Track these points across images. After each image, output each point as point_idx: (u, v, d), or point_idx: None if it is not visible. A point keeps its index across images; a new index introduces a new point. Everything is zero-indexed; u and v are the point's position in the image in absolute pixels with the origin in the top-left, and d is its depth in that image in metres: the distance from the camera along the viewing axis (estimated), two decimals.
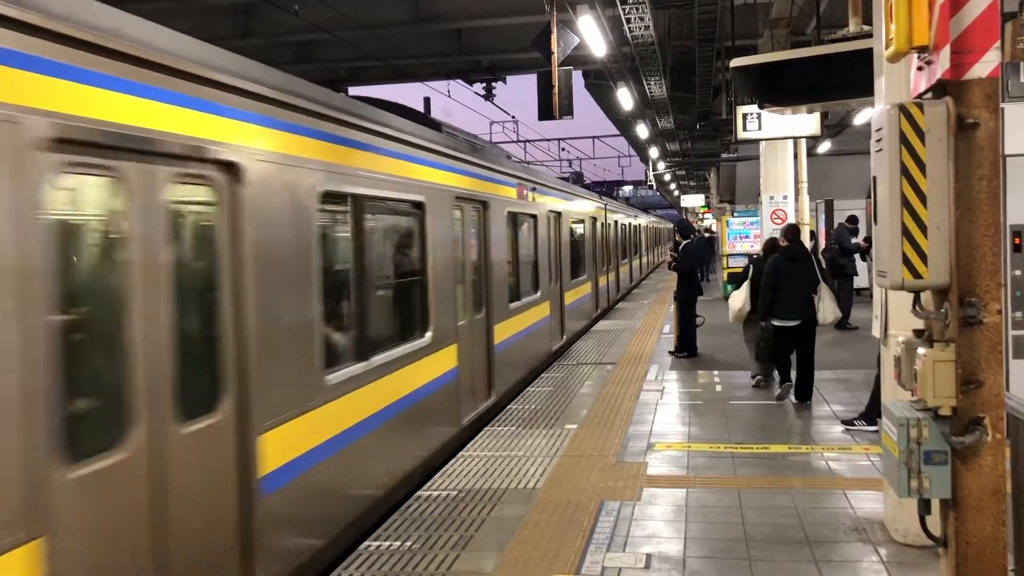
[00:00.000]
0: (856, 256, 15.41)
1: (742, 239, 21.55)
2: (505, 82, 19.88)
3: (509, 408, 9.38)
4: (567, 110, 11.87)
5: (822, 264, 9.92)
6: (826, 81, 7.80)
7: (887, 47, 3.77)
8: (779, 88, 8.35)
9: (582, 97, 36.80)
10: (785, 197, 17.67)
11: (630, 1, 12.22)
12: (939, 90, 3.61)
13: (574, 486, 6.44)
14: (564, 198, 14.84)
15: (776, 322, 9.26)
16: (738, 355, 11.45)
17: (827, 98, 8.51)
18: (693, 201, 49.87)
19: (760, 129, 12.84)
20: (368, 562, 5.08)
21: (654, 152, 33.58)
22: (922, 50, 3.65)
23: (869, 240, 14.27)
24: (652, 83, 17.56)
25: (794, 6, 13.45)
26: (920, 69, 3.79)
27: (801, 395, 9.25)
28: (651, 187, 52.74)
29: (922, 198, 3.59)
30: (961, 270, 3.53)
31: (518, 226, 11.41)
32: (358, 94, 15.34)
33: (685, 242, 13.37)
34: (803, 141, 16.69)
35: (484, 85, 19.61)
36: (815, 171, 19.20)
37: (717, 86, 18.33)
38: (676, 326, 13.06)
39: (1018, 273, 7.14)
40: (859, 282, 16.53)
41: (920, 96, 3.81)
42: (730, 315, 10.30)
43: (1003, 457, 3.61)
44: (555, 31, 11.45)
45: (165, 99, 3.91)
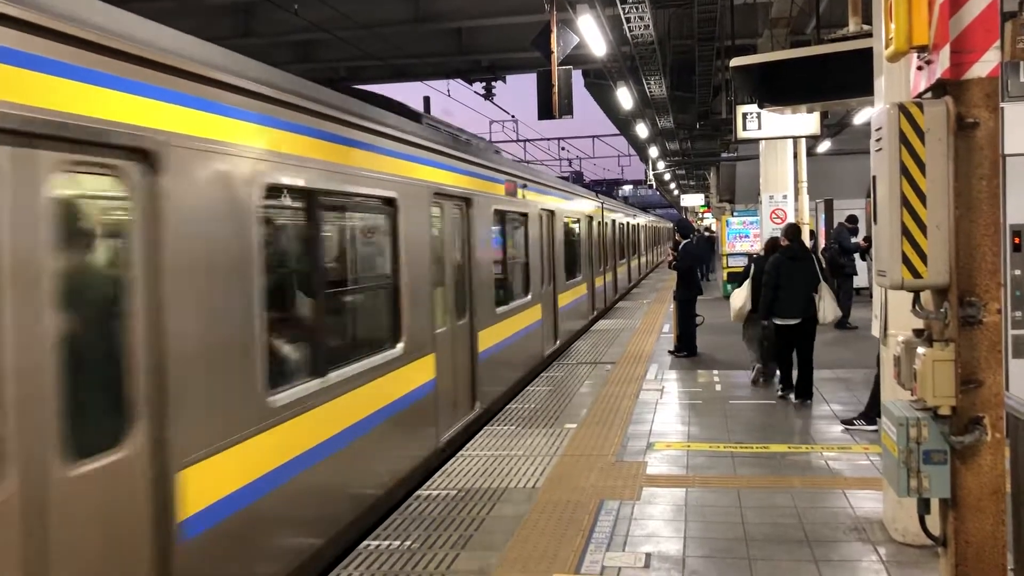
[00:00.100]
0: (856, 255, 15.43)
1: (742, 239, 21.58)
2: (505, 81, 19.90)
3: (508, 407, 9.39)
4: (567, 109, 11.88)
5: (822, 263, 9.94)
6: (826, 81, 7.81)
7: (887, 47, 3.77)
8: (779, 87, 8.36)
9: (582, 96, 36.84)
10: (785, 197, 17.68)
11: (630, 0, 12.23)
12: (939, 90, 3.62)
13: (574, 485, 6.45)
14: (558, 196, 14.42)
15: (777, 321, 9.38)
16: (738, 355, 11.45)
17: (827, 98, 8.51)
18: (693, 200, 49.87)
19: (760, 128, 12.84)
20: (368, 561, 5.09)
21: (654, 151, 33.59)
22: (922, 50, 3.65)
23: (869, 240, 14.28)
24: (652, 82, 17.57)
25: (794, 6, 13.45)
26: (920, 69, 3.79)
27: (801, 393, 9.28)
28: (651, 186, 52.76)
29: (922, 198, 3.60)
30: (961, 270, 3.54)
31: (507, 225, 10.87)
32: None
33: (685, 241, 13.39)
34: (803, 141, 16.71)
35: (484, 84, 19.62)
36: (815, 171, 19.21)
37: (717, 85, 18.35)
38: (676, 325, 13.07)
39: (1018, 273, 7.14)
40: (859, 281, 16.55)
41: (920, 96, 3.81)
42: (731, 314, 10.36)
43: (1002, 457, 3.62)
44: (555, 30, 11.46)
45: (49, 70, 3.26)
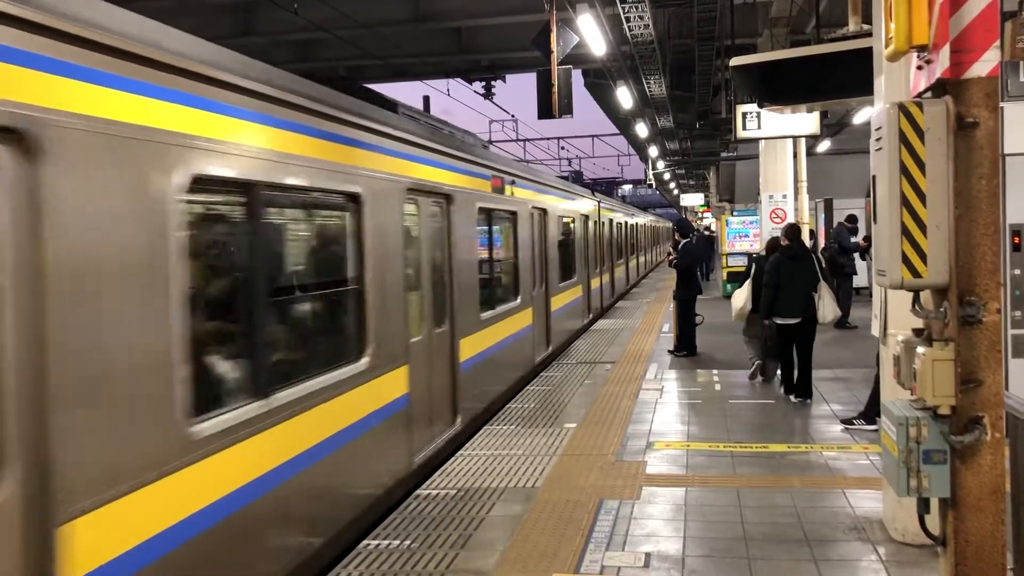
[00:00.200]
0: (855, 255, 15.45)
1: (741, 238, 21.59)
2: (504, 81, 19.91)
3: (508, 407, 9.39)
4: (566, 109, 11.88)
5: (822, 263, 9.96)
6: (826, 80, 7.81)
7: (887, 46, 3.77)
8: (779, 87, 8.36)
9: (582, 96, 36.88)
10: (784, 196, 17.69)
11: (629, 0, 12.23)
12: (939, 89, 3.62)
13: (573, 485, 6.45)
14: (551, 194, 13.73)
15: (777, 320, 9.43)
16: (738, 354, 11.45)
17: (826, 97, 8.52)
18: (692, 200, 49.85)
19: (760, 128, 12.85)
20: (367, 560, 5.09)
21: (653, 151, 33.59)
22: (922, 49, 3.66)
23: (868, 239, 14.29)
24: (651, 82, 17.57)
25: (794, 5, 13.46)
26: (920, 68, 3.79)
27: (801, 393, 9.29)
28: (650, 186, 52.76)
29: (921, 197, 3.60)
30: (960, 269, 3.54)
31: (493, 224, 10.20)
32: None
33: (684, 241, 13.39)
34: (802, 140, 16.72)
35: (483, 84, 19.63)
36: (814, 170, 19.22)
37: (717, 85, 18.37)
38: (675, 325, 13.08)
39: (1017, 272, 7.15)
40: (858, 281, 16.57)
41: (920, 95, 3.81)
42: (732, 313, 10.40)
43: (1002, 456, 3.62)
44: (555, 30, 11.46)
45: None
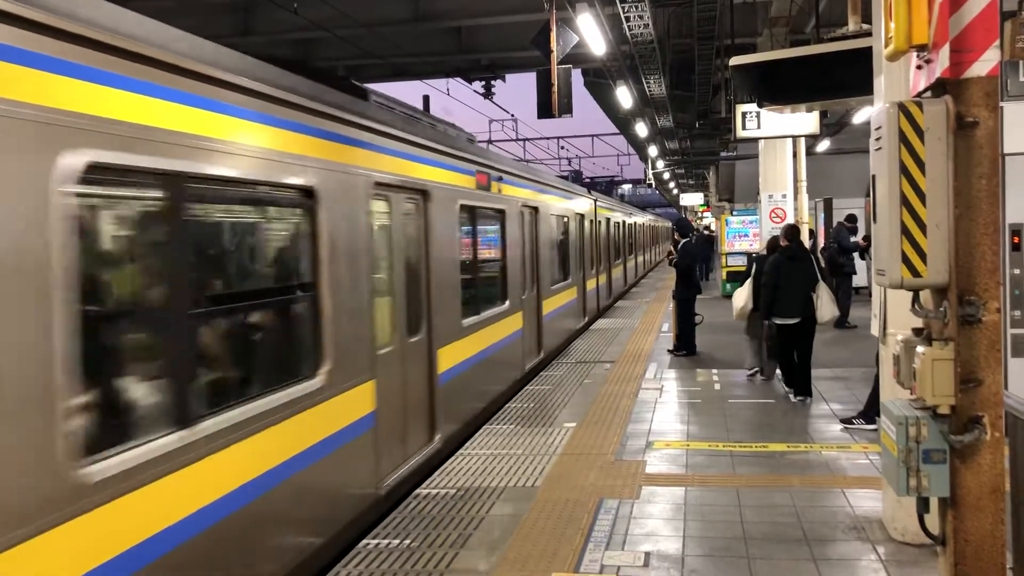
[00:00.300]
0: (855, 255, 15.45)
1: (741, 238, 21.60)
2: (504, 80, 19.91)
3: (508, 407, 9.38)
4: (566, 108, 11.87)
5: (821, 263, 9.97)
6: (825, 80, 7.82)
7: (886, 46, 3.77)
8: (778, 87, 8.36)
9: (581, 95, 36.87)
10: (784, 196, 17.68)
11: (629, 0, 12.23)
12: (938, 89, 3.62)
13: (573, 484, 6.45)
14: (543, 191, 13.20)
15: (777, 320, 9.46)
16: (737, 354, 11.46)
17: (826, 97, 8.53)
18: (692, 200, 49.81)
19: (759, 128, 12.84)
20: (367, 560, 5.09)
21: (653, 150, 33.58)
22: (921, 49, 3.66)
23: (868, 239, 14.29)
24: (651, 81, 17.57)
25: (793, 5, 13.46)
26: (919, 68, 3.80)
27: (800, 391, 9.30)
28: (650, 185, 52.75)
29: (921, 197, 3.60)
30: (960, 269, 3.54)
31: (478, 223, 9.52)
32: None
33: (684, 240, 13.39)
34: (802, 140, 16.71)
35: (483, 83, 19.62)
36: (814, 170, 19.21)
37: (716, 84, 18.36)
38: (675, 324, 13.08)
39: (1017, 272, 7.15)
40: (858, 281, 16.58)
41: (919, 95, 3.82)
42: (733, 312, 10.43)
43: (1002, 455, 3.62)
44: (554, 29, 11.45)
45: None
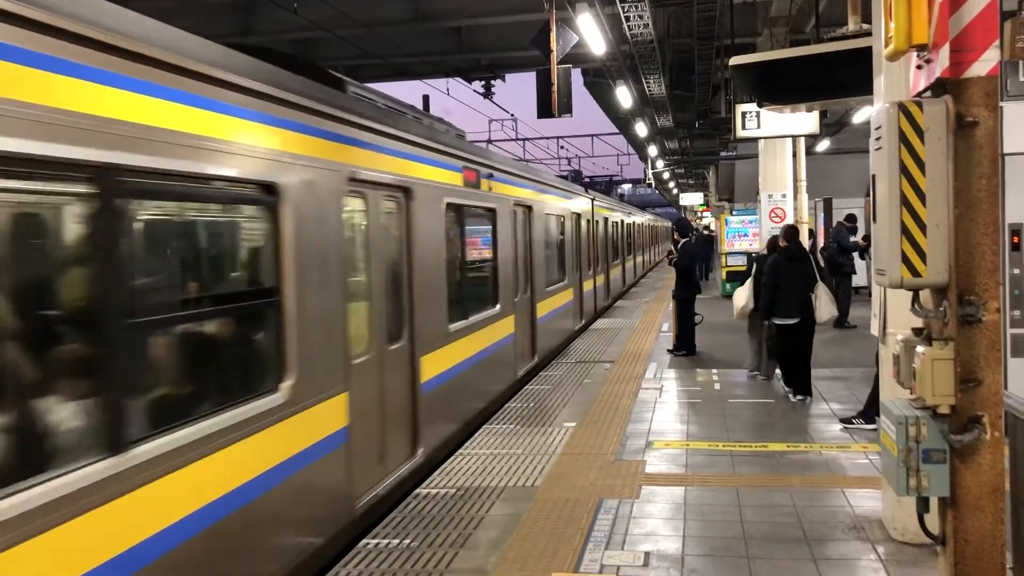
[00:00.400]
0: (855, 254, 15.45)
1: (741, 237, 21.60)
2: (504, 80, 19.91)
3: (507, 406, 9.38)
4: (566, 108, 11.87)
5: (820, 263, 9.98)
6: (825, 80, 7.82)
7: (886, 45, 3.78)
8: (778, 87, 8.37)
9: (581, 95, 36.85)
10: (784, 195, 17.68)
11: None
12: (938, 88, 3.62)
13: (573, 484, 6.45)
14: (537, 190, 12.75)
15: (777, 320, 9.48)
16: (737, 353, 11.46)
17: (826, 97, 8.54)
18: (692, 199, 49.83)
19: (759, 127, 12.84)
20: (367, 559, 5.09)
21: (653, 150, 33.59)
22: (921, 48, 3.66)
23: (868, 239, 14.29)
24: (651, 81, 17.57)
25: (793, 4, 13.46)
26: (919, 67, 3.80)
27: (800, 390, 9.31)
28: (650, 185, 52.74)
29: (921, 197, 3.60)
30: (960, 268, 3.54)
31: (467, 222, 9.03)
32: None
33: (684, 240, 13.39)
34: (802, 139, 16.71)
35: (483, 83, 19.62)
36: (814, 169, 19.21)
37: (716, 84, 18.36)
38: (675, 324, 13.08)
39: (1016, 271, 7.15)
40: (858, 280, 16.58)
41: (919, 94, 3.82)
42: (734, 311, 10.46)
43: (1002, 455, 3.62)
44: (554, 29, 11.45)
45: None
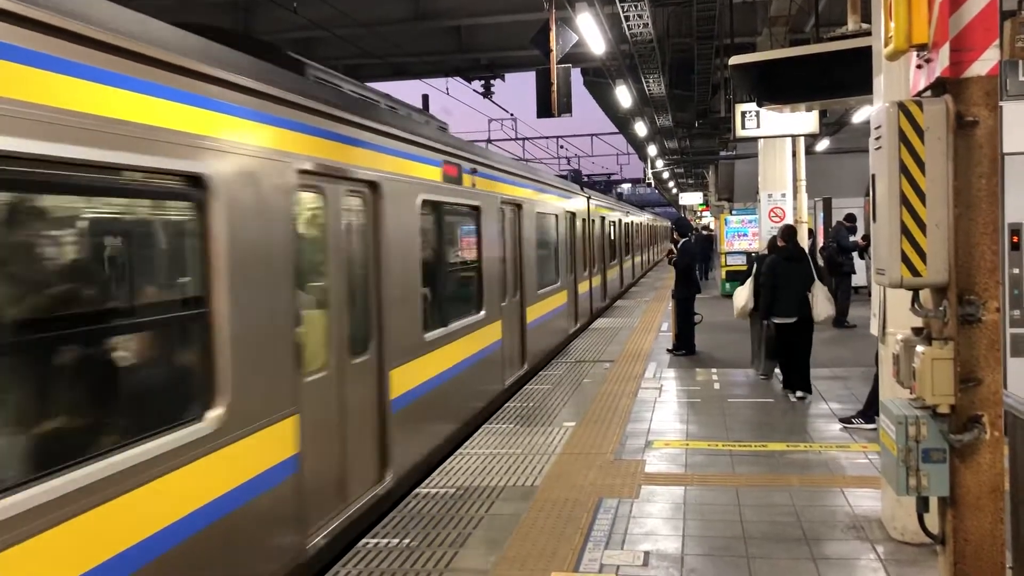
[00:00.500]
0: (854, 254, 15.46)
1: (740, 237, 21.60)
2: (504, 80, 19.89)
3: (507, 406, 9.38)
4: (566, 108, 11.86)
5: (819, 263, 9.99)
6: (825, 79, 7.82)
7: (886, 45, 3.77)
8: (778, 86, 8.37)
9: (581, 95, 36.79)
10: (783, 195, 17.67)
11: None
12: (938, 88, 3.62)
13: (572, 484, 6.45)
14: (527, 187, 12.07)
15: (776, 320, 9.50)
16: (737, 353, 11.46)
17: (826, 96, 8.54)
18: (691, 199, 49.84)
19: (759, 127, 12.83)
20: (367, 559, 5.09)
21: (652, 150, 33.58)
22: (921, 48, 3.66)
23: (867, 238, 14.29)
24: (651, 81, 17.57)
25: (793, 4, 13.46)
26: (919, 67, 3.80)
27: (800, 388, 9.32)
28: (649, 185, 52.74)
29: (921, 196, 3.60)
30: (960, 268, 3.54)
31: (446, 221, 8.37)
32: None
33: (683, 240, 13.40)
34: (801, 139, 16.70)
35: (483, 83, 19.61)
36: (814, 169, 19.20)
37: (716, 84, 18.36)
38: (674, 324, 13.08)
39: (1016, 271, 7.15)
40: (857, 280, 16.59)
41: (919, 94, 3.82)
42: (734, 311, 10.47)
43: (1001, 455, 3.62)
44: (554, 29, 11.44)
45: None
